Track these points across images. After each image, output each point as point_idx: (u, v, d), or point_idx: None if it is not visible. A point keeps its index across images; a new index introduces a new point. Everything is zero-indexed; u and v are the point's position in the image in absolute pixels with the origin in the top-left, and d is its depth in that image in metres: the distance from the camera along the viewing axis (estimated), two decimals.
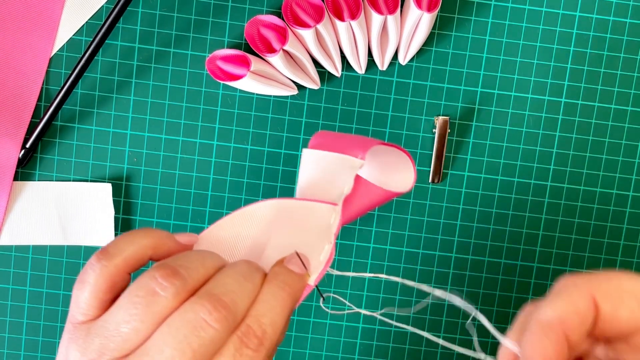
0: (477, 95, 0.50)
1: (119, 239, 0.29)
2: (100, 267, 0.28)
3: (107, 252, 0.29)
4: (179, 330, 0.26)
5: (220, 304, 0.27)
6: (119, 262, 0.28)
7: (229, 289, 0.27)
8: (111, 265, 0.28)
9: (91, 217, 0.49)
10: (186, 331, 0.26)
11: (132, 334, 0.26)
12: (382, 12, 0.45)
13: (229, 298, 0.27)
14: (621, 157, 0.50)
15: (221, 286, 0.27)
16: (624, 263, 0.51)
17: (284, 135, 0.50)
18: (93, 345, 0.27)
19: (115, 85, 0.49)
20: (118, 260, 0.28)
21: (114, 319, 0.27)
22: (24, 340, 0.51)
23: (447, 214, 0.51)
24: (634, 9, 0.49)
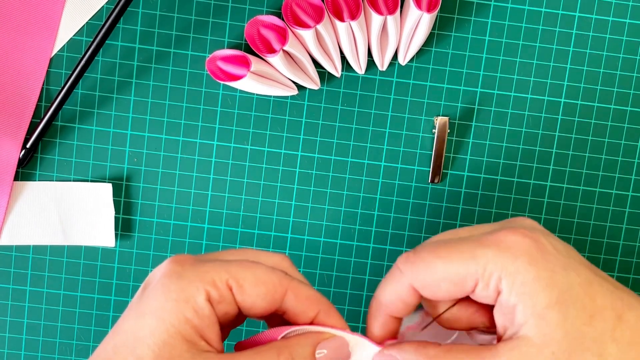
0: (476, 95, 0.50)
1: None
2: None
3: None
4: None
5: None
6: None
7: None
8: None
9: (91, 217, 0.49)
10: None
11: None
12: (381, 12, 0.45)
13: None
14: (620, 157, 0.50)
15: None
16: (623, 263, 0.51)
17: (284, 135, 0.50)
18: None
19: (115, 86, 0.49)
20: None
21: None
22: (24, 340, 0.51)
23: (447, 214, 0.51)
24: (633, 9, 0.49)
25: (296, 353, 0.29)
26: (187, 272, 0.28)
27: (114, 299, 0.51)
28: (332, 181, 0.50)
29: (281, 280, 0.30)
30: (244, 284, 0.29)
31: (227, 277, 0.28)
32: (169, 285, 0.28)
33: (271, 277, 0.29)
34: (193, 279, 0.28)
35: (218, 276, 0.28)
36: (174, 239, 0.50)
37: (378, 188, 0.50)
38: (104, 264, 0.50)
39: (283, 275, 0.30)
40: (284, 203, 0.50)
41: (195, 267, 0.29)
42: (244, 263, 0.29)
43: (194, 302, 0.28)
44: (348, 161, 0.50)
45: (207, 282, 0.28)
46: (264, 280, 0.29)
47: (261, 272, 0.29)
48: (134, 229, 0.50)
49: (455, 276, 0.29)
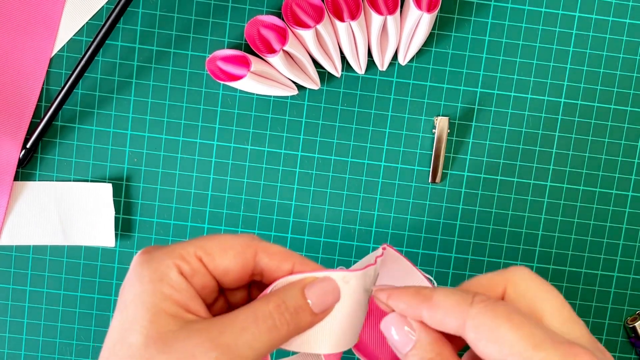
0: (476, 95, 0.50)
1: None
2: None
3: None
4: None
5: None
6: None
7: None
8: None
9: (91, 217, 0.49)
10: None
11: None
12: (381, 12, 0.45)
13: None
14: (620, 157, 0.50)
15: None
16: (623, 263, 0.51)
17: (284, 135, 0.50)
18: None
19: (115, 86, 0.49)
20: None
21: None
22: (24, 340, 0.51)
23: (447, 214, 0.51)
24: (633, 10, 0.49)
25: (285, 296, 0.29)
26: (155, 255, 0.29)
27: (114, 299, 0.51)
28: (332, 181, 0.50)
29: (248, 242, 0.30)
30: (212, 251, 0.29)
31: (194, 249, 0.29)
32: (141, 272, 0.28)
33: (237, 240, 0.30)
34: (162, 258, 0.29)
35: (185, 251, 0.29)
36: (174, 239, 0.50)
37: (378, 188, 0.50)
38: (104, 264, 0.50)
39: (250, 237, 0.30)
40: (284, 203, 0.50)
41: (162, 249, 0.29)
42: (209, 235, 0.30)
43: (168, 279, 0.28)
44: (348, 161, 0.50)
45: (175, 258, 0.29)
46: (231, 244, 0.30)
47: (227, 238, 0.30)
48: (134, 229, 0.50)
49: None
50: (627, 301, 0.52)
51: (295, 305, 0.29)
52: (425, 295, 0.29)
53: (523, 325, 0.27)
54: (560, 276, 0.51)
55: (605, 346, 0.52)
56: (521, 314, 0.28)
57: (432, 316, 0.29)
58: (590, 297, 0.51)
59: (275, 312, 0.28)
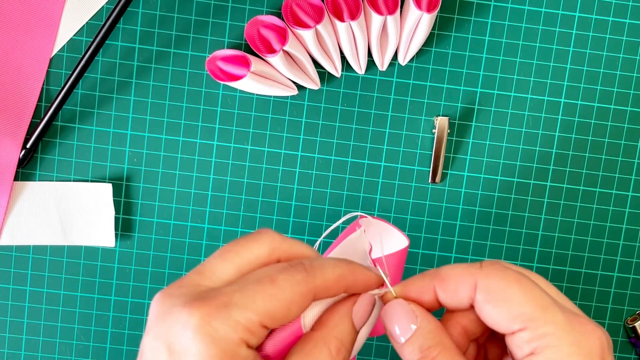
0: (476, 95, 0.50)
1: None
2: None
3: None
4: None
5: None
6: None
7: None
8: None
9: (91, 217, 0.49)
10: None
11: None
12: (381, 12, 0.45)
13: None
14: (620, 157, 0.50)
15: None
16: (623, 263, 0.51)
17: (284, 136, 0.50)
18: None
19: (115, 86, 0.49)
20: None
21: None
22: (24, 340, 0.51)
23: (447, 214, 0.51)
24: (633, 10, 0.49)
25: (340, 334, 0.28)
26: (219, 331, 0.26)
27: (114, 299, 0.51)
28: (332, 181, 0.50)
29: (307, 287, 0.28)
30: (277, 316, 0.27)
31: (259, 318, 0.26)
32: (208, 351, 0.25)
33: (298, 290, 0.27)
34: (229, 335, 0.26)
35: (251, 323, 0.26)
36: (174, 239, 0.50)
37: (378, 188, 0.50)
38: (104, 264, 0.50)
39: (305, 280, 0.28)
40: (284, 203, 0.50)
41: (223, 318, 0.26)
42: (266, 292, 0.27)
43: (238, 357, 0.26)
44: (348, 161, 0.50)
45: (242, 331, 0.26)
46: (293, 300, 0.27)
47: (288, 294, 0.27)
48: (134, 229, 0.50)
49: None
50: (627, 301, 0.52)
51: (351, 339, 0.29)
52: (431, 273, 0.30)
53: (533, 288, 0.28)
54: (560, 276, 0.51)
55: None
56: (530, 280, 0.28)
57: (445, 287, 0.29)
58: (590, 297, 0.51)
59: (338, 357, 0.28)
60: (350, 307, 0.29)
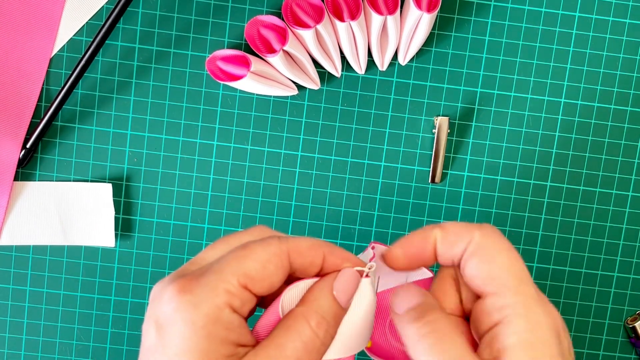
0: (476, 95, 0.50)
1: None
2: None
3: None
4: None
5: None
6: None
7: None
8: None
9: (91, 217, 0.49)
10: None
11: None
12: (381, 12, 0.45)
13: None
14: (620, 157, 0.51)
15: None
16: (623, 263, 0.51)
17: (284, 136, 0.50)
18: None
19: (115, 86, 0.49)
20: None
21: None
22: (24, 340, 0.51)
23: (447, 214, 0.51)
24: (633, 9, 0.49)
25: (321, 308, 0.29)
26: (200, 296, 0.27)
27: (114, 299, 0.51)
28: (332, 181, 0.50)
29: (280, 247, 0.29)
30: (254, 274, 0.28)
31: (238, 278, 0.27)
32: (190, 317, 0.26)
33: (271, 249, 0.29)
34: (209, 299, 0.27)
35: (230, 284, 0.27)
36: (174, 239, 0.50)
37: (378, 188, 0.50)
38: (104, 264, 0.50)
39: (277, 241, 0.29)
40: (284, 203, 0.50)
41: (202, 285, 0.27)
42: (240, 254, 0.28)
43: (221, 321, 0.27)
44: (348, 161, 0.50)
45: (223, 295, 0.27)
46: (267, 256, 0.28)
47: (260, 250, 0.28)
48: (134, 229, 0.50)
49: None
50: (627, 301, 0.52)
51: (333, 314, 0.29)
52: (434, 225, 0.31)
53: (518, 261, 0.29)
54: (560, 276, 0.51)
55: (605, 346, 0.52)
56: (518, 254, 0.30)
57: (445, 237, 0.30)
58: (590, 297, 0.51)
59: (319, 330, 0.28)
60: (330, 282, 0.30)
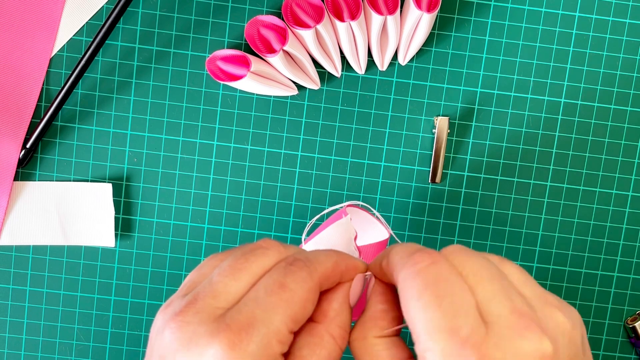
0: (476, 95, 0.50)
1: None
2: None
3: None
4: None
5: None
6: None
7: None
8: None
9: (91, 217, 0.49)
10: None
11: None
12: (381, 12, 0.45)
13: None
14: (620, 157, 0.51)
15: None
16: (623, 263, 0.51)
17: (284, 136, 0.50)
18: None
19: (115, 86, 0.49)
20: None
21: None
22: (24, 340, 0.51)
23: (447, 214, 0.51)
24: (633, 9, 0.49)
25: (342, 322, 0.29)
26: (254, 351, 0.26)
27: (114, 299, 0.51)
28: (332, 181, 0.50)
29: (314, 281, 0.28)
30: (299, 318, 0.28)
31: (286, 326, 0.27)
32: None
33: (307, 287, 0.28)
34: (263, 353, 0.26)
35: (281, 334, 0.27)
36: (174, 239, 0.50)
37: (378, 188, 0.50)
38: (104, 264, 0.50)
39: (309, 276, 0.28)
40: (284, 203, 0.50)
41: (254, 341, 0.26)
42: (283, 298, 0.27)
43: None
44: (348, 161, 0.50)
45: (275, 346, 0.26)
46: (307, 298, 0.28)
47: (301, 294, 0.28)
48: (134, 229, 0.50)
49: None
50: (627, 301, 0.52)
51: (350, 323, 0.30)
52: (386, 252, 0.30)
53: (428, 307, 0.26)
54: (560, 276, 0.51)
55: (605, 346, 0.52)
56: (445, 285, 0.26)
57: (385, 269, 0.30)
58: (590, 297, 0.51)
59: (343, 343, 0.29)
60: (347, 294, 0.30)
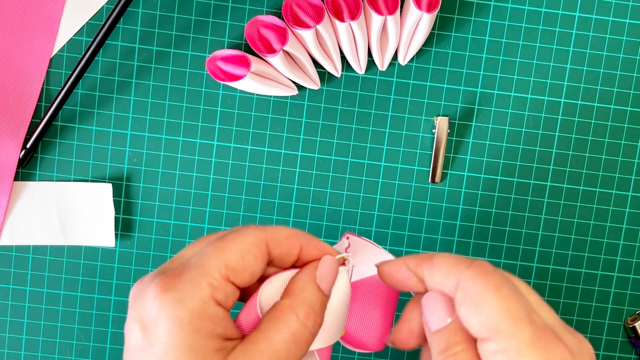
0: (476, 95, 0.50)
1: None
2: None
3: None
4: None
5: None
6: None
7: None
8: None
9: (91, 217, 0.49)
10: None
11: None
12: (381, 12, 0.45)
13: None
14: (620, 157, 0.51)
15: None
16: (623, 263, 0.51)
17: (284, 136, 0.50)
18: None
19: (115, 86, 0.49)
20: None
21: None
22: (24, 340, 0.51)
23: (447, 214, 0.51)
24: (633, 9, 0.49)
25: (307, 299, 0.29)
26: (183, 292, 0.27)
27: (114, 299, 0.51)
28: (332, 181, 0.50)
29: (259, 237, 0.29)
30: (235, 265, 0.28)
31: (220, 270, 0.27)
32: (176, 314, 0.26)
33: (250, 239, 0.28)
34: (193, 294, 0.27)
35: (213, 277, 0.27)
36: (174, 239, 0.50)
37: (378, 188, 0.50)
38: (104, 264, 0.50)
39: (255, 230, 0.29)
40: (284, 203, 0.50)
41: (184, 281, 0.27)
42: (218, 247, 0.28)
43: (207, 315, 0.27)
44: (348, 161, 0.50)
45: (207, 289, 0.27)
46: (247, 247, 0.28)
47: (240, 242, 0.28)
48: (134, 229, 0.50)
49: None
50: (627, 301, 0.52)
51: (319, 303, 0.29)
52: (427, 256, 0.30)
53: (509, 297, 0.27)
54: (560, 276, 0.51)
55: (605, 346, 0.52)
56: (513, 286, 0.28)
57: (431, 276, 0.29)
58: (590, 297, 0.51)
59: (308, 321, 0.28)
60: (312, 272, 0.30)
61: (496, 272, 0.28)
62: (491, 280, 0.27)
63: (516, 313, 0.26)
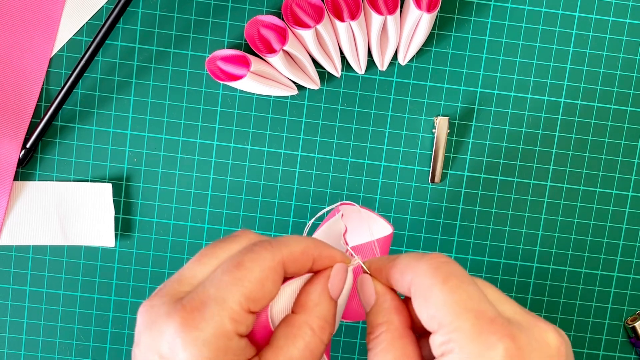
0: (476, 95, 0.50)
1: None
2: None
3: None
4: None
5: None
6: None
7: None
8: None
9: (91, 217, 0.49)
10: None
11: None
12: (381, 12, 0.45)
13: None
14: (620, 157, 0.51)
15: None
16: (623, 263, 0.51)
17: (284, 135, 0.50)
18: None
19: (115, 86, 0.49)
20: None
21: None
22: (24, 340, 0.51)
23: (447, 214, 0.51)
24: (633, 9, 0.49)
25: (322, 313, 0.29)
26: (207, 331, 0.26)
27: (114, 299, 0.51)
28: (332, 181, 0.50)
29: (274, 260, 0.28)
30: (256, 296, 0.27)
31: (241, 304, 0.27)
32: (201, 354, 0.26)
33: (265, 265, 0.28)
34: (217, 334, 0.26)
35: (234, 312, 0.27)
36: (174, 239, 0.50)
37: (378, 188, 0.50)
38: (104, 264, 0.50)
39: (270, 255, 0.28)
40: (284, 203, 0.50)
41: (207, 319, 0.26)
42: (237, 277, 0.27)
43: (232, 349, 0.26)
44: (348, 161, 0.50)
45: (230, 325, 0.27)
46: (265, 276, 0.28)
47: (257, 272, 0.28)
48: (134, 229, 0.50)
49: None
50: (627, 301, 0.52)
51: (332, 314, 0.29)
52: (392, 257, 0.30)
53: (455, 289, 0.27)
54: (560, 276, 0.51)
55: (605, 346, 0.52)
56: (464, 278, 0.27)
57: (392, 275, 0.29)
58: (590, 297, 0.51)
59: (323, 335, 0.29)
60: (325, 283, 0.30)
61: (447, 265, 0.28)
62: (440, 273, 0.27)
63: (461, 305, 0.26)
